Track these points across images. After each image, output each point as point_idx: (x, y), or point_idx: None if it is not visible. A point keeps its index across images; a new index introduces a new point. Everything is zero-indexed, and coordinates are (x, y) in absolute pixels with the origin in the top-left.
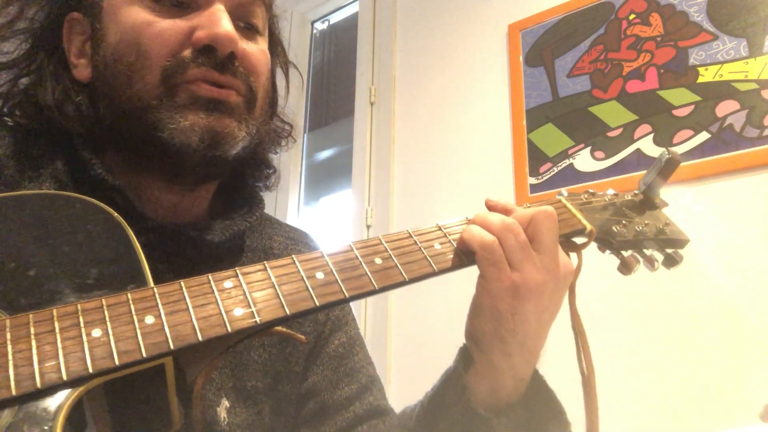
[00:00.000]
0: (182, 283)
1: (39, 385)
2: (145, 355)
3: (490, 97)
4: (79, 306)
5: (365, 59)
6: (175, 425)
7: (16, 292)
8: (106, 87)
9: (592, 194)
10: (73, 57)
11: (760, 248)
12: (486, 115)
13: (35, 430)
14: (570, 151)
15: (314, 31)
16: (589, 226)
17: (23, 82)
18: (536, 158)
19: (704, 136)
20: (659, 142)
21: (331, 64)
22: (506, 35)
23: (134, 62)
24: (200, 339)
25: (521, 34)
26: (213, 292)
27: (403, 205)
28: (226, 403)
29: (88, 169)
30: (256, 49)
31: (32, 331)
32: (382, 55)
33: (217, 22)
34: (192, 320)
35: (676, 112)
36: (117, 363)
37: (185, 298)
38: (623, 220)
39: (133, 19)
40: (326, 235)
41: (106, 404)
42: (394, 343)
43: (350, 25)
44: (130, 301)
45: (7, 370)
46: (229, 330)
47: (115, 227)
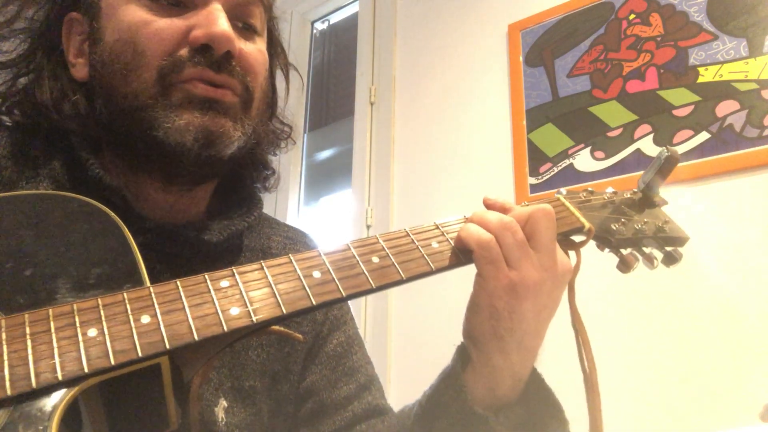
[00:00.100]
0: (178, 282)
1: (34, 384)
2: (140, 355)
3: (490, 97)
4: (74, 306)
5: (365, 59)
6: (172, 425)
7: (12, 292)
8: (103, 86)
9: (591, 193)
10: (71, 56)
11: (760, 248)
12: (486, 115)
13: (30, 430)
14: (570, 151)
15: (314, 31)
16: (587, 224)
17: (22, 81)
18: (536, 158)
19: (704, 136)
20: (659, 142)
21: (331, 64)
22: (506, 35)
23: (131, 61)
24: (196, 338)
25: (521, 34)
26: (209, 291)
27: (403, 205)
28: (224, 403)
29: (85, 169)
30: (253, 49)
31: (28, 331)
32: (382, 55)
33: (215, 21)
34: (188, 319)
35: (676, 112)
36: (113, 362)
37: (181, 298)
38: (622, 219)
39: (130, 18)
40: (326, 235)
41: (102, 404)
42: (394, 343)
43: (350, 25)
44: (126, 301)
45: (2, 370)
46: (225, 329)
47: (112, 227)
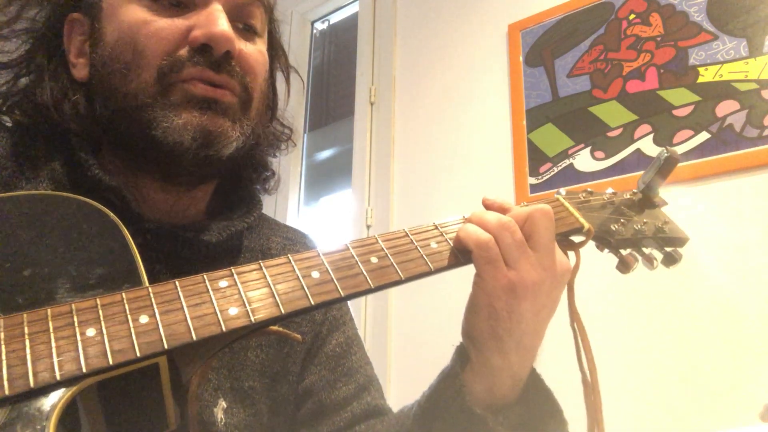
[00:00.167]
0: (177, 282)
1: (32, 384)
2: (138, 355)
3: (490, 97)
4: (73, 306)
5: (365, 59)
6: (171, 425)
7: (11, 292)
8: (103, 85)
9: (591, 193)
10: (72, 57)
11: (760, 248)
12: (486, 115)
13: (28, 430)
14: (570, 151)
15: (314, 31)
16: (587, 225)
17: (23, 82)
18: (536, 158)
19: (704, 136)
20: (659, 142)
21: (331, 64)
22: (506, 35)
23: (131, 61)
24: (194, 338)
25: (521, 34)
26: (208, 291)
27: (403, 205)
28: (223, 404)
29: (85, 169)
30: (253, 50)
31: (26, 331)
32: (382, 55)
33: (215, 21)
34: (186, 319)
35: (676, 112)
36: (111, 362)
37: (180, 298)
38: (622, 219)
39: (130, 18)
40: (326, 235)
41: (100, 404)
42: (394, 343)
43: (350, 25)
44: (125, 301)
45: (0, 370)
46: (224, 329)
47: (111, 227)
